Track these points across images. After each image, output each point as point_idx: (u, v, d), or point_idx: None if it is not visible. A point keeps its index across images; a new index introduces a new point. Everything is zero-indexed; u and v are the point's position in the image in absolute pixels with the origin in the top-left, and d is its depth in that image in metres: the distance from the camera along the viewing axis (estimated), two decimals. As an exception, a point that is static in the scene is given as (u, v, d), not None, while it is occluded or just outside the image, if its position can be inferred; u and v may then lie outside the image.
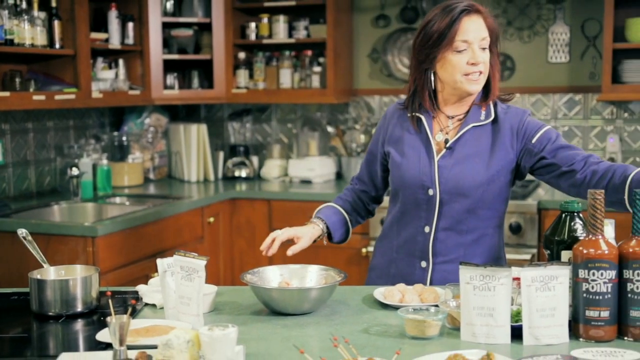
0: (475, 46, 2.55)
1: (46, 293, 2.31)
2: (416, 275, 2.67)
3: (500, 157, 2.62)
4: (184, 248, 4.12)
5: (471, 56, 2.55)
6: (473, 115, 2.66)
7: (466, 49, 2.56)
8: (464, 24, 2.55)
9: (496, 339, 2.01)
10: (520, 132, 2.63)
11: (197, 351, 1.83)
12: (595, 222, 2.01)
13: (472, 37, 2.55)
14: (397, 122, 2.76)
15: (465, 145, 2.64)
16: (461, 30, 2.55)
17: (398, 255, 2.73)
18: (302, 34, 5.46)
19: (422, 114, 2.69)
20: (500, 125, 2.65)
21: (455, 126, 2.69)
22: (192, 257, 2.14)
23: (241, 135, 5.86)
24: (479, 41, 2.56)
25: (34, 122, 4.81)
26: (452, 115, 2.69)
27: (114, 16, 4.91)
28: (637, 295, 1.99)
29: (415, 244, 2.68)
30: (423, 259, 2.67)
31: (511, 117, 2.66)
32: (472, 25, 2.56)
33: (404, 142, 2.71)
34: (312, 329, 2.17)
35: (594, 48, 5.12)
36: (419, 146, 2.68)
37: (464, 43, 2.55)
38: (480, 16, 2.58)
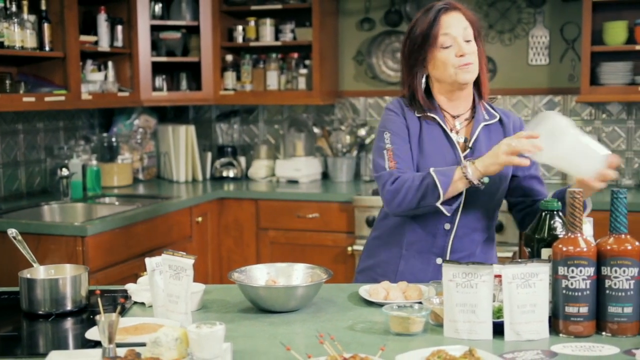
0: (459, 39, 2.62)
1: (36, 292, 2.31)
2: (430, 272, 2.69)
3: None
4: (173, 247, 4.16)
5: (458, 49, 2.61)
6: (480, 115, 2.73)
7: (452, 45, 2.62)
8: (444, 21, 2.63)
9: (478, 334, 2.04)
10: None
11: (185, 349, 1.85)
12: (574, 221, 2.04)
13: (454, 31, 2.62)
14: (411, 118, 2.73)
15: (481, 144, 2.69)
16: (442, 26, 2.62)
17: (408, 252, 2.74)
18: (289, 37, 5.49)
19: (434, 114, 2.71)
20: (506, 125, 2.76)
21: (464, 126, 2.75)
22: (180, 256, 2.15)
23: (229, 136, 5.89)
24: (462, 33, 2.62)
25: (24, 123, 4.82)
26: (456, 115, 2.74)
27: (103, 19, 4.92)
28: (614, 292, 2.02)
29: (432, 241, 2.70)
30: (440, 256, 2.70)
31: (512, 118, 2.80)
32: (452, 20, 2.63)
33: (423, 142, 2.70)
34: (299, 326, 2.19)
35: (572, 51, 5.17)
36: (440, 145, 2.69)
37: (448, 38, 2.61)
38: (459, 12, 2.66)
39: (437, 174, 2.55)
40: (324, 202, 4.94)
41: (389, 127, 2.72)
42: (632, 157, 5.10)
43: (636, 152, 5.09)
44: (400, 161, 2.67)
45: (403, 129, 2.71)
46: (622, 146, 5.12)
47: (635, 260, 2.01)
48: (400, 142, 2.69)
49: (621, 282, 2.02)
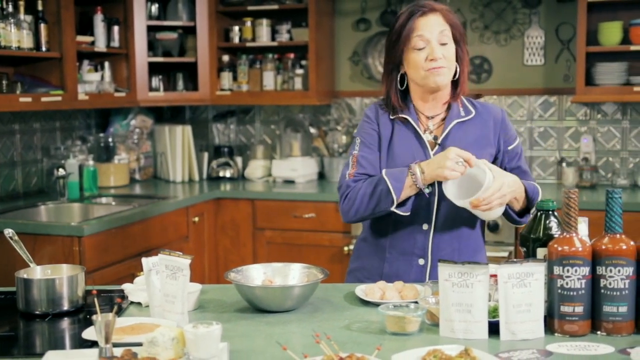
0: (433, 42, 2.62)
1: (32, 292, 2.31)
2: (413, 273, 2.70)
3: (488, 148, 2.71)
4: (170, 247, 4.16)
5: (429, 52, 2.61)
6: (453, 112, 2.73)
7: (424, 47, 2.62)
8: (420, 23, 2.63)
9: (474, 334, 2.04)
10: (501, 129, 2.75)
11: (182, 348, 1.85)
12: (569, 220, 2.05)
13: (428, 33, 2.62)
14: (384, 122, 2.76)
15: (453, 141, 2.68)
16: (417, 28, 2.62)
17: (391, 255, 2.75)
18: (285, 37, 5.50)
19: (407, 115, 2.73)
20: (483, 119, 2.74)
21: (437, 125, 2.75)
22: (177, 256, 2.15)
23: (225, 137, 5.89)
24: (437, 36, 2.62)
25: (21, 123, 4.82)
26: (430, 116, 2.75)
27: (100, 19, 4.93)
28: (609, 291, 2.03)
29: (412, 242, 2.70)
30: (421, 257, 2.71)
31: (492, 111, 2.78)
32: (428, 22, 2.63)
33: (393, 142, 2.72)
34: (295, 325, 2.19)
35: (568, 51, 5.19)
36: (410, 145, 2.71)
37: (421, 40, 2.62)
38: (438, 14, 2.65)
39: (390, 178, 2.58)
40: (320, 202, 4.95)
41: (360, 134, 2.79)
42: (627, 157, 5.12)
43: (631, 152, 5.11)
44: (360, 168, 2.72)
45: (372, 135, 2.75)
46: (617, 146, 5.13)
47: (630, 260, 2.02)
48: (365, 149, 2.74)
49: (616, 282, 2.02)
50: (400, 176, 2.58)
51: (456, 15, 2.72)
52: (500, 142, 2.74)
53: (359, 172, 2.71)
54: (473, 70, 5.39)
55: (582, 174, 5.03)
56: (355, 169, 2.72)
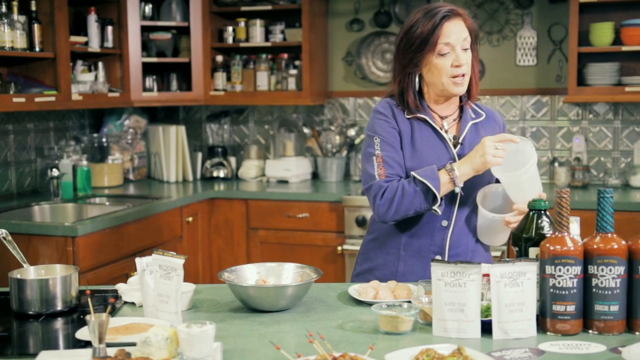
0: (458, 49, 2.62)
1: (26, 292, 2.31)
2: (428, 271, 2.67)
3: None
4: (164, 247, 4.16)
5: (455, 59, 2.62)
6: (467, 114, 2.77)
7: (449, 52, 2.62)
8: (446, 28, 2.61)
9: (467, 333, 2.05)
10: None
11: (176, 348, 1.85)
12: (561, 220, 2.06)
13: (454, 40, 2.62)
14: (401, 120, 2.74)
15: (471, 140, 2.72)
16: (443, 34, 2.61)
17: (406, 253, 2.75)
18: (279, 38, 5.51)
19: (423, 114, 2.72)
20: (492, 122, 2.81)
21: (451, 125, 2.77)
22: (171, 256, 2.16)
23: (219, 137, 5.89)
24: (461, 42, 2.63)
25: (14, 124, 4.82)
26: (444, 116, 2.77)
27: (93, 20, 4.92)
28: (601, 290, 2.04)
29: (431, 240, 2.71)
30: (439, 254, 2.72)
31: (496, 116, 2.86)
32: (454, 29, 2.62)
33: (415, 142, 2.71)
34: (289, 325, 2.20)
35: (560, 52, 5.20)
36: (433, 144, 2.71)
37: (447, 46, 2.62)
38: (461, 18, 2.65)
39: (427, 178, 2.57)
40: (313, 202, 4.95)
41: (379, 132, 2.72)
42: (619, 157, 5.14)
43: (622, 152, 5.12)
44: (389, 168, 2.68)
45: (393, 134, 2.71)
46: (608, 146, 5.15)
47: (621, 259, 2.03)
48: (389, 148, 2.70)
49: (607, 281, 2.04)
50: (434, 175, 2.58)
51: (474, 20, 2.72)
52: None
53: (390, 173, 2.67)
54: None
55: (574, 174, 5.04)
56: (384, 169, 2.67)
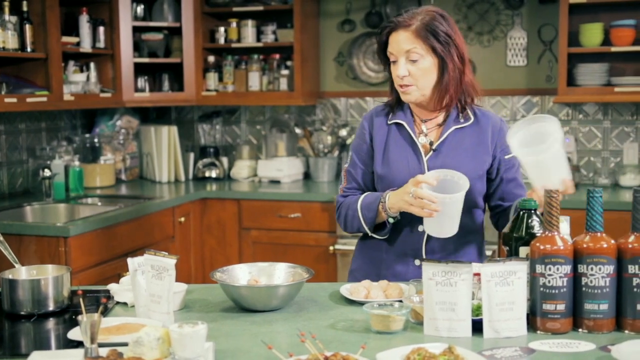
0: (401, 60, 2.63)
1: (18, 293, 2.31)
2: (410, 274, 2.70)
3: (484, 155, 2.71)
4: (156, 247, 4.16)
5: (396, 69, 2.65)
6: (451, 118, 2.73)
7: (395, 61, 2.66)
8: (391, 39, 2.66)
9: (458, 332, 2.06)
10: (499, 137, 2.74)
11: (168, 348, 1.86)
12: (551, 219, 2.08)
13: (396, 51, 2.64)
14: (379, 127, 2.79)
15: (450, 146, 2.70)
16: (389, 45, 2.66)
17: (388, 256, 2.76)
18: (270, 38, 5.51)
19: (402, 119, 2.75)
20: (482, 126, 2.74)
21: (434, 129, 2.76)
22: (163, 256, 2.16)
23: (211, 137, 5.90)
24: (404, 54, 2.63)
25: (6, 124, 4.81)
26: (425, 119, 2.76)
27: (85, 20, 4.92)
28: (591, 289, 2.06)
29: (408, 243, 2.72)
30: (417, 258, 2.72)
31: (491, 120, 2.77)
32: (396, 39, 2.64)
33: (389, 148, 2.75)
34: (280, 325, 2.20)
35: (550, 52, 5.22)
36: (404, 150, 2.73)
37: (391, 55, 2.66)
38: (407, 30, 2.62)
39: (363, 208, 2.70)
40: (305, 202, 4.96)
41: (353, 146, 2.88)
42: (608, 156, 5.16)
43: (612, 151, 5.15)
44: (348, 183, 2.85)
45: (362, 148, 2.82)
46: (598, 146, 5.17)
47: (610, 258, 2.05)
48: (354, 163, 2.84)
49: (597, 280, 2.05)
50: (373, 205, 2.67)
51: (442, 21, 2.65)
52: (497, 150, 2.74)
53: (347, 187, 2.84)
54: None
55: (564, 174, 5.05)
56: (344, 184, 2.86)
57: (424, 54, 2.62)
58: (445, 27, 2.64)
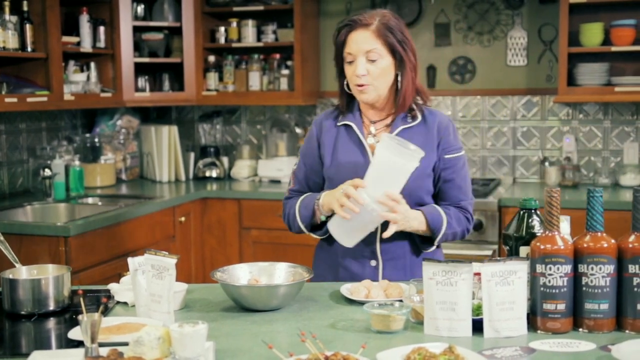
0: (359, 59, 2.64)
1: (18, 292, 2.31)
2: (367, 273, 2.72)
3: (430, 153, 2.69)
4: (156, 247, 4.16)
5: (354, 68, 2.65)
6: (400, 119, 2.74)
7: (353, 61, 2.66)
8: (349, 38, 2.67)
9: (458, 332, 2.06)
10: (444, 136, 2.74)
11: (168, 348, 1.86)
12: (551, 219, 2.08)
13: (355, 50, 2.65)
14: (327, 130, 2.81)
15: None
16: (347, 44, 2.68)
17: (344, 260, 2.77)
18: (270, 38, 5.51)
19: (351, 121, 2.76)
20: (429, 126, 2.74)
21: (382, 130, 2.77)
22: (163, 255, 2.16)
23: (211, 137, 5.90)
24: (364, 53, 2.64)
25: (7, 124, 4.82)
26: (374, 120, 2.78)
27: (85, 20, 4.92)
28: (591, 289, 2.06)
29: (361, 244, 2.69)
30: (373, 259, 2.73)
31: (438, 119, 2.76)
32: (356, 39, 2.65)
33: (337, 150, 2.76)
34: (281, 324, 2.20)
35: (550, 52, 5.23)
36: (353, 151, 2.74)
37: (349, 56, 2.67)
38: (366, 29, 2.64)
39: (301, 207, 2.76)
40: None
41: (302, 150, 2.92)
42: (609, 156, 5.16)
43: (612, 151, 5.15)
44: (293, 185, 2.89)
45: (310, 151, 2.85)
46: (598, 146, 5.17)
47: (611, 258, 2.05)
48: (301, 165, 2.88)
49: (597, 279, 2.05)
50: (310, 204, 2.72)
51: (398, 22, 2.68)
52: (439, 149, 2.73)
53: (292, 189, 2.89)
54: (457, 71, 5.42)
55: (564, 173, 5.06)
56: (291, 186, 2.91)
57: (383, 54, 2.65)
58: (402, 28, 2.69)
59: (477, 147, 5.41)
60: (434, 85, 5.46)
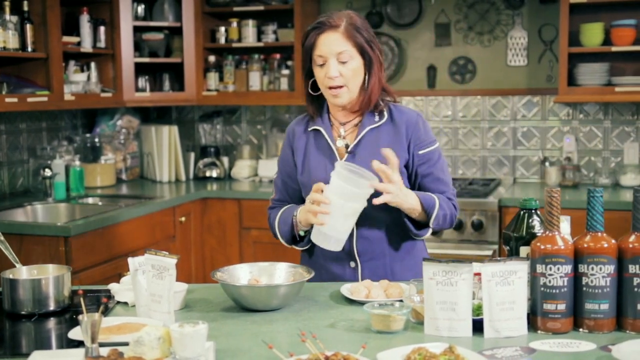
0: (331, 60, 2.62)
1: (18, 292, 2.32)
2: (347, 275, 2.73)
3: (400, 152, 2.68)
4: (156, 247, 4.15)
5: (326, 71, 2.63)
6: (368, 119, 2.73)
7: (324, 64, 2.64)
8: (319, 41, 2.64)
9: (458, 332, 2.06)
10: (413, 132, 2.72)
11: (168, 348, 1.86)
12: (551, 219, 2.07)
13: (326, 52, 2.63)
14: (299, 137, 2.81)
15: (366, 147, 2.70)
16: (316, 46, 2.65)
17: (325, 262, 2.77)
18: (271, 38, 5.51)
19: (319, 125, 2.76)
20: (397, 124, 2.73)
21: (351, 131, 2.76)
22: (163, 255, 2.16)
23: (212, 137, 5.90)
24: (336, 55, 2.62)
25: (7, 124, 4.82)
26: (343, 122, 2.77)
27: (86, 20, 4.92)
28: (591, 289, 2.05)
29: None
30: (351, 260, 2.73)
31: (406, 116, 2.75)
32: (326, 41, 2.63)
33: (308, 155, 2.77)
34: (281, 324, 2.20)
35: (550, 52, 5.23)
36: (322, 155, 2.74)
37: (320, 58, 2.64)
38: (337, 32, 2.63)
39: (280, 223, 2.76)
40: (306, 202, 4.95)
41: (279, 158, 2.93)
42: (609, 156, 5.16)
43: (612, 151, 5.15)
44: (275, 194, 2.91)
45: (286, 159, 2.86)
46: (599, 146, 5.17)
47: (611, 258, 2.05)
48: (280, 174, 2.90)
49: (598, 280, 2.05)
50: (287, 219, 2.72)
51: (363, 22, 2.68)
52: (411, 146, 2.72)
53: (274, 199, 2.91)
54: (457, 71, 5.42)
55: (564, 173, 5.06)
56: (273, 195, 2.93)
57: (353, 55, 2.64)
58: (367, 27, 2.69)
59: (477, 147, 5.41)
60: (434, 85, 5.46)
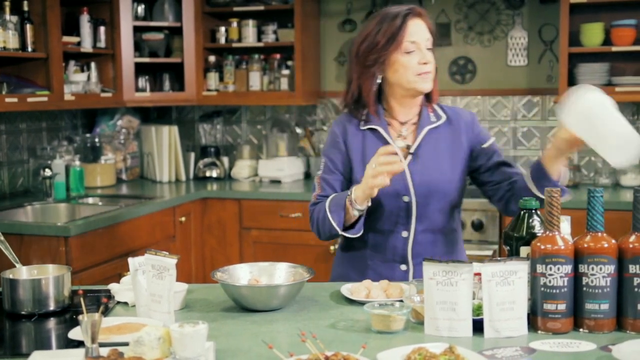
0: (422, 46, 2.65)
1: (18, 292, 2.31)
2: (397, 277, 2.70)
3: (460, 154, 2.72)
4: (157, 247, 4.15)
5: (421, 56, 2.64)
6: (425, 118, 2.74)
7: (414, 50, 2.64)
8: (410, 27, 2.65)
9: (458, 332, 2.06)
10: (473, 131, 2.76)
11: (168, 348, 1.86)
12: (552, 219, 2.07)
13: (419, 38, 2.65)
14: (353, 135, 2.77)
15: (426, 148, 2.70)
16: (408, 32, 2.64)
17: (373, 262, 2.76)
18: (271, 38, 5.51)
19: (376, 124, 2.74)
20: (455, 125, 2.75)
21: (410, 131, 2.75)
22: (163, 255, 2.16)
23: (212, 137, 5.90)
24: (425, 42, 2.66)
25: (7, 124, 4.82)
26: (404, 121, 2.76)
27: (86, 20, 4.92)
28: (591, 289, 2.05)
29: (392, 249, 2.71)
30: (403, 263, 2.72)
31: (463, 115, 2.79)
32: (417, 27, 2.66)
33: (366, 154, 2.72)
34: (281, 324, 2.20)
35: (550, 52, 5.23)
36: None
37: (412, 44, 2.64)
38: (422, 19, 2.68)
39: (331, 211, 2.63)
40: (306, 201, 4.89)
41: (326, 154, 2.82)
42: (610, 156, 5.15)
43: (614, 151, 5.14)
44: (322, 190, 2.78)
45: (338, 157, 2.78)
46: (600, 145, 5.16)
47: (611, 258, 2.05)
48: (328, 171, 2.79)
49: (598, 280, 2.05)
50: (340, 202, 2.62)
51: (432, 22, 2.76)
52: (472, 144, 2.75)
53: (320, 195, 2.78)
54: (457, 71, 5.42)
55: (565, 173, 5.06)
56: (318, 191, 2.80)
57: (432, 46, 2.70)
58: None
59: (477, 147, 5.41)
60: (434, 85, 5.46)
